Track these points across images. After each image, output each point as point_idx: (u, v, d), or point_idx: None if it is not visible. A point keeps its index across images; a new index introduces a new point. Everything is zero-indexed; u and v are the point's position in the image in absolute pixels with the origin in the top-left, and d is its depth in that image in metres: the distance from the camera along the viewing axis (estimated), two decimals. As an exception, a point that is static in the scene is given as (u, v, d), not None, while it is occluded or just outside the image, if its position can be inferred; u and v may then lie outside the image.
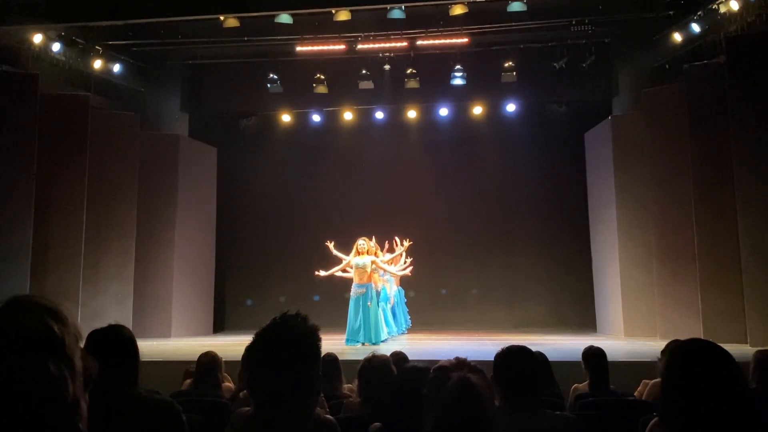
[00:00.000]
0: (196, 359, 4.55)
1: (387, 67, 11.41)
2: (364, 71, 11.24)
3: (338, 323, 11.56)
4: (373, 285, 9.01)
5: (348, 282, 9.29)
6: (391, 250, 10.17)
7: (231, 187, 13.27)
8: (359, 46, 10.77)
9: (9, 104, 8.98)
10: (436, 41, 10.67)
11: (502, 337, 10.07)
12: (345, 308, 12.39)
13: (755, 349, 4.07)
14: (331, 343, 9.16)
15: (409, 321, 11.14)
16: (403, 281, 11.18)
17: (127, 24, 10.16)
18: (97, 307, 9.83)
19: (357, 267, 8.94)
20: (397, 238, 9.94)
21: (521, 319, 10.51)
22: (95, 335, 2.18)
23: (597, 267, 11.52)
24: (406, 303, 11.26)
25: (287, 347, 1.62)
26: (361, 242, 9.13)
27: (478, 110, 12.28)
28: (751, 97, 8.32)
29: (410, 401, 2.22)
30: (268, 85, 11.49)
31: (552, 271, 12.29)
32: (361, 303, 8.87)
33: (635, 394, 4.39)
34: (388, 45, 10.91)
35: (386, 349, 3.77)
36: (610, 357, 4.40)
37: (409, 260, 10.26)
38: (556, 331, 11.07)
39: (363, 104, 12.27)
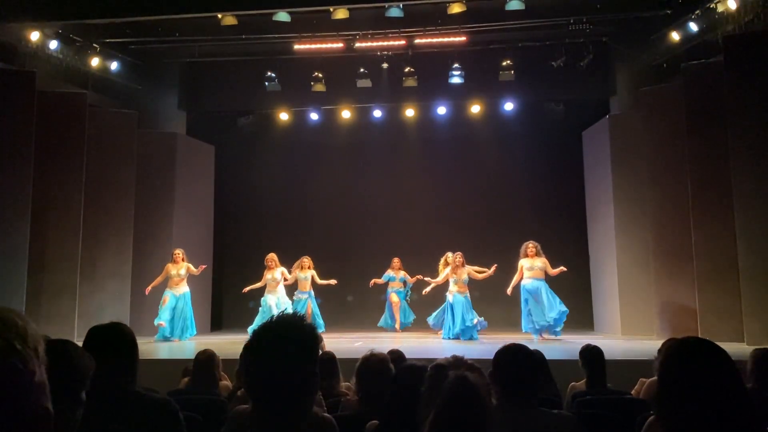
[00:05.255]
0: (193, 357, 4.56)
1: (385, 65, 11.39)
2: (362, 69, 11.22)
3: (339, 322, 11.61)
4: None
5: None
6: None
7: (229, 185, 13.26)
8: (357, 45, 10.75)
9: (6, 102, 8.94)
10: (434, 40, 10.65)
11: (499, 335, 10.08)
12: (345, 308, 12.48)
13: (752, 347, 4.08)
14: (329, 342, 9.19)
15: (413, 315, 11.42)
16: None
17: (124, 22, 10.13)
18: (95, 304, 9.83)
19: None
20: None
21: (519, 317, 10.50)
22: (95, 331, 2.18)
23: (594, 265, 11.54)
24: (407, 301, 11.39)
25: (285, 346, 1.62)
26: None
27: (476, 109, 12.28)
28: (749, 96, 8.32)
29: (408, 399, 2.23)
30: (266, 84, 11.46)
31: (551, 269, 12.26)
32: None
33: (632, 392, 4.41)
34: (386, 43, 10.88)
35: (384, 347, 3.79)
36: (607, 355, 4.42)
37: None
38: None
39: (361, 103, 12.26)
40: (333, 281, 10.54)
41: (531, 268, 9.80)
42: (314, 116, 12.69)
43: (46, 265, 9.35)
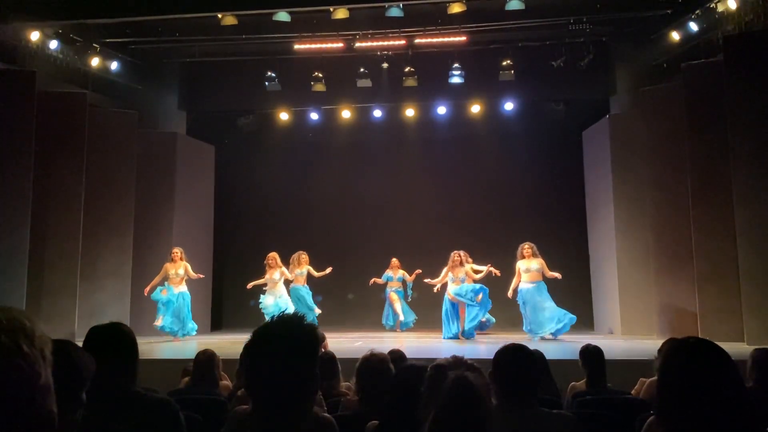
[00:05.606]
0: (193, 357, 4.56)
1: (385, 65, 11.39)
2: (362, 69, 11.21)
3: (339, 321, 11.61)
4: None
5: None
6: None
7: (229, 185, 13.25)
8: (357, 45, 10.75)
9: (6, 102, 8.94)
10: (434, 39, 10.65)
11: (499, 335, 10.08)
12: (345, 307, 12.49)
13: (752, 347, 4.08)
14: (329, 342, 9.19)
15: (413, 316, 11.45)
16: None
17: (124, 22, 10.13)
18: (95, 304, 9.83)
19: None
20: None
21: (519, 317, 10.52)
22: (95, 331, 2.18)
23: (595, 265, 11.54)
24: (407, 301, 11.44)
25: (285, 346, 1.62)
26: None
27: (476, 109, 12.27)
28: (749, 95, 8.32)
29: (408, 400, 2.23)
30: (266, 84, 11.45)
31: (549, 269, 12.26)
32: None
33: (632, 392, 4.41)
34: (386, 43, 10.88)
35: (384, 347, 3.79)
36: (607, 355, 4.42)
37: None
38: (553, 329, 11.06)
39: (361, 102, 12.26)
40: (329, 269, 10.53)
41: (528, 271, 9.78)
42: (314, 116, 12.69)
43: (46, 265, 9.35)
